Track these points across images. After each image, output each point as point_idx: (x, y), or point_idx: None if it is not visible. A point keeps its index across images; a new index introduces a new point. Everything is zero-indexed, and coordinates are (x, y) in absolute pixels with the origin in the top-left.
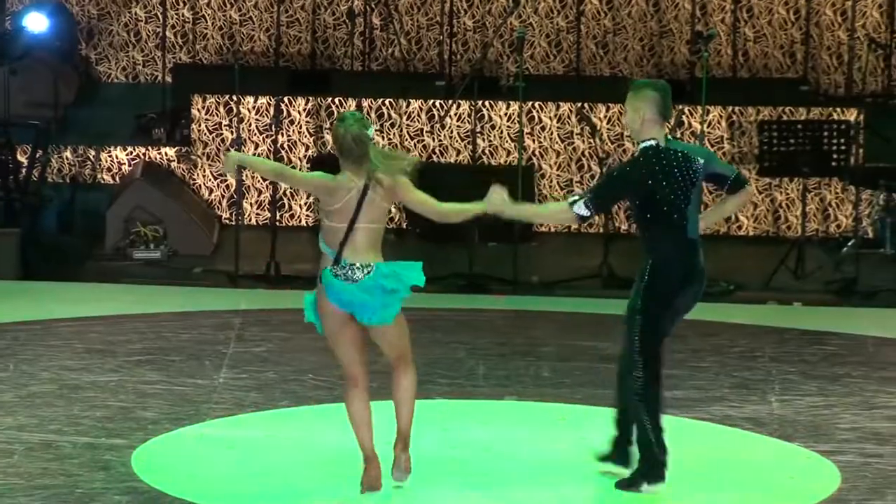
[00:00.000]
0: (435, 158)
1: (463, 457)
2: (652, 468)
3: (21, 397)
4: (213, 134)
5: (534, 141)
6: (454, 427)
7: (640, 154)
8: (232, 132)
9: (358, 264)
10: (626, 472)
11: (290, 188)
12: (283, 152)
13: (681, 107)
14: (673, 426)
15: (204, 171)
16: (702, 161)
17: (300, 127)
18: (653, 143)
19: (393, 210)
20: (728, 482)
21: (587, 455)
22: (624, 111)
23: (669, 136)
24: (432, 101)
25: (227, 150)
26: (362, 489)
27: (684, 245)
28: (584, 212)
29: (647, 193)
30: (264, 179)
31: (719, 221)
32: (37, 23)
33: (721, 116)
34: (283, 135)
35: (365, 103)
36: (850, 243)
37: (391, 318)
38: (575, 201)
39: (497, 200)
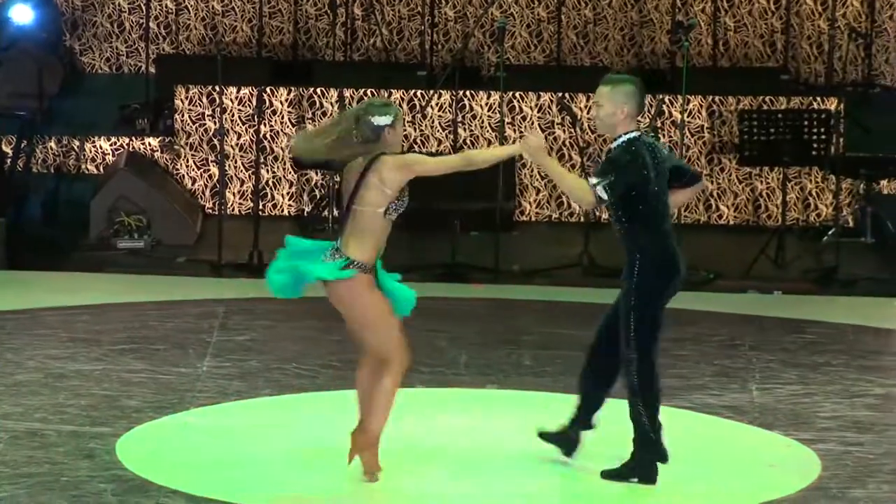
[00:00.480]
0: (416, 148)
1: (444, 444)
2: (647, 469)
3: (6, 386)
4: (197, 124)
5: (515, 131)
6: (436, 415)
7: (631, 145)
8: (215, 122)
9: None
10: (563, 458)
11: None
12: (265, 142)
13: (661, 96)
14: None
15: (187, 160)
16: (665, 153)
17: (282, 117)
18: (637, 134)
19: None
20: (708, 470)
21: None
22: (598, 104)
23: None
24: (414, 91)
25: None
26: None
27: (671, 234)
28: (605, 195)
29: (646, 184)
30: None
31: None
32: (22, 14)
33: (701, 106)
34: (265, 125)
35: (347, 93)
36: (830, 232)
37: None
38: (597, 183)
39: (534, 143)
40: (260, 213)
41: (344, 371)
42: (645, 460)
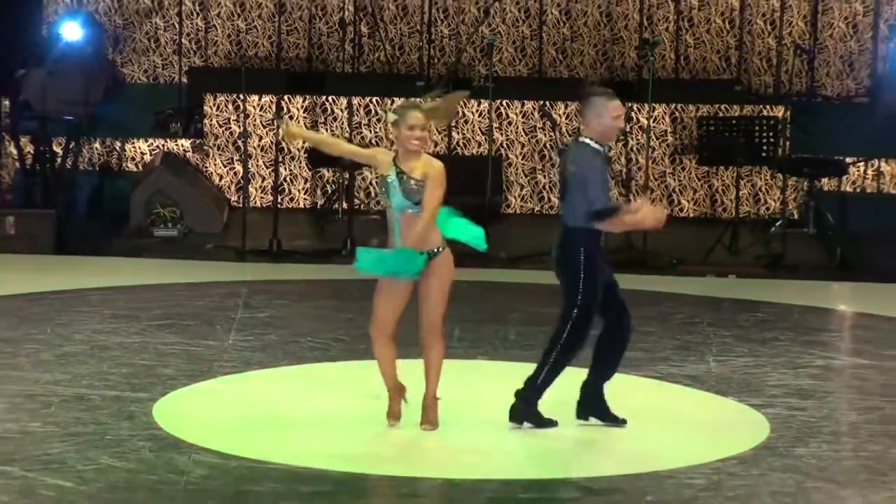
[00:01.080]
0: None
1: (442, 409)
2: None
3: (56, 356)
4: (223, 128)
5: (502, 134)
6: None
7: (594, 147)
8: (239, 126)
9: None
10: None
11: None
12: (283, 144)
13: (630, 104)
14: (623, 383)
15: (215, 159)
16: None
17: (298, 121)
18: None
19: (376, 192)
20: (671, 431)
21: (547, 405)
22: (622, 117)
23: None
24: (413, 98)
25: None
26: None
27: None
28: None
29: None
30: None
31: None
32: (71, 31)
33: (665, 113)
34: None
35: (355, 101)
36: (777, 224)
37: None
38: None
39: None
40: (279, 205)
41: (352, 344)
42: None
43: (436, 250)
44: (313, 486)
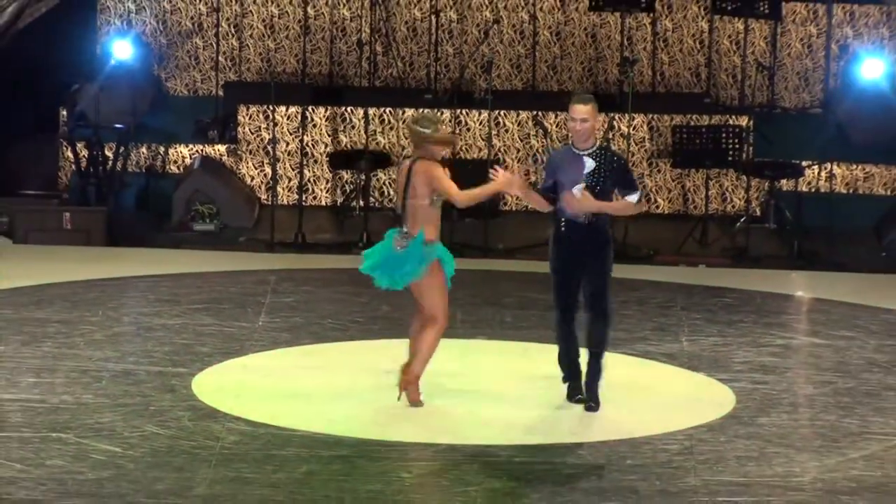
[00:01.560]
0: None
1: (444, 383)
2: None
3: (106, 336)
4: (255, 135)
5: (499, 140)
6: (438, 360)
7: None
8: (268, 133)
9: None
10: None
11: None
12: (307, 149)
13: (612, 114)
14: (606, 360)
15: (247, 163)
16: None
17: (321, 130)
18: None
19: (390, 191)
20: (649, 402)
21: (539, 380)
22: (584, 120)
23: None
24: (422, 109)
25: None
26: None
27: None
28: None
29: None
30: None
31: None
32: (121, 50)
33: (643, 122)
34: (307, 135)
35: (371, 111)
36: (742, 220)
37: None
38: (641, 192)
39: (513, 181)
40: (303, 203)
41: (368, 325)
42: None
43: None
44: (332, 450)
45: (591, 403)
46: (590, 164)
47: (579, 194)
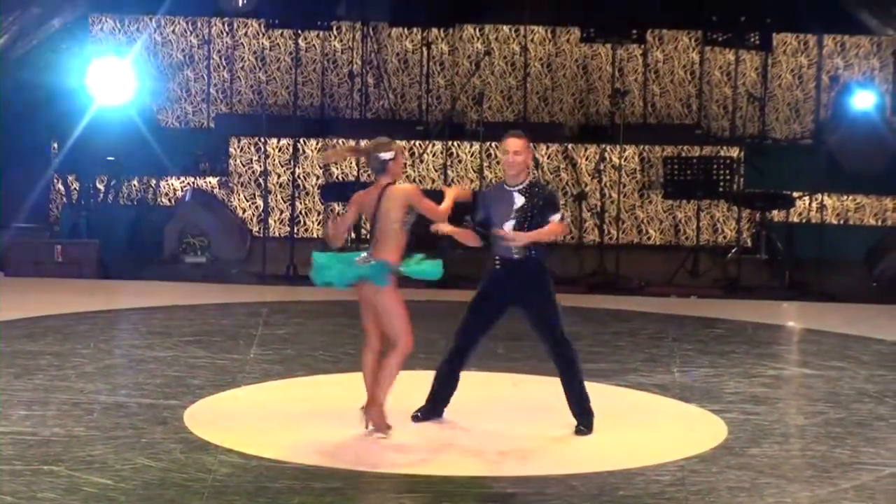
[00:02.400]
0: (417, 184)
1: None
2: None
3: (98, 368)
4: (246, 167)
5: (491, 172)
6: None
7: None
8: (260, 165)
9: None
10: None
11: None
12: (299, 181)
13: (604, 146)
14: (597, 391)
15: (239, 195)
16: None
17: (312, 162)
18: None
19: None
20: (641, 433)
21: (531, 411)
22: (517, 153)
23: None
24: (413, 141)
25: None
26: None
27: None
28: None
29: None
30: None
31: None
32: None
33: (634, 153)
34: (299, 167)
35: (362, 143)
36: (733, 250)
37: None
38: (562, 215)
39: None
40: (295, 235)
41: (359, 357)
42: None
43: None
44: (324, 482)
45: (582, 427)
46: (519, 200)
47: (510, 233)
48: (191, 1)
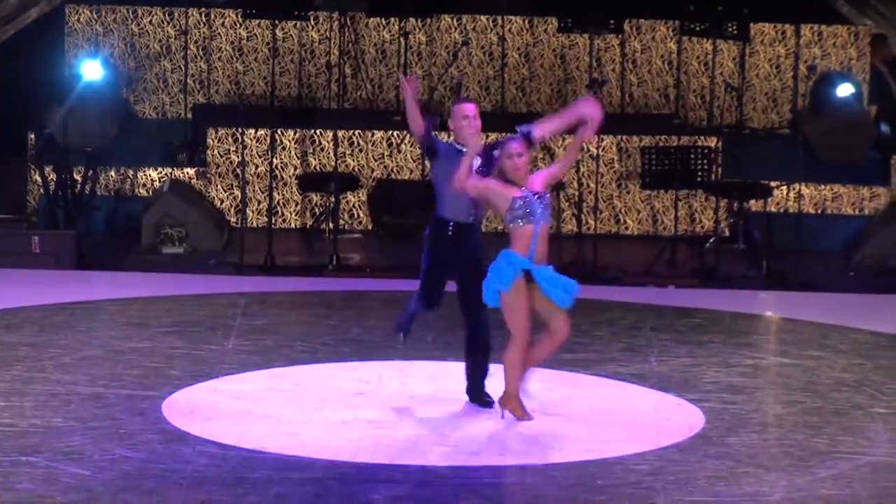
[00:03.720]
0: (393, 176)
1: (415, 406)
2: None
3: (77, 359)
4: (224, 157)
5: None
6: (410, 383)
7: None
8: (237, 156)
9: None
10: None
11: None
12: (276, 171)
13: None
14: (576, 381)
15: (216, 185)
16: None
17: (290, 152)
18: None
19: (360, 214)
20: (620, 423)
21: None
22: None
23: None
24: (391, 132)
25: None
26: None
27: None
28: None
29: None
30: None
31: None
32: (90, 71)
33: (612, 143)
34: (277, 158)
35: (340, 134)
36: (711, 240)
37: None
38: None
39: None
40: (273, 226)
41: (338, 348)
42: None
43: None
44: (303, 472)
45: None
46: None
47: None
48: None
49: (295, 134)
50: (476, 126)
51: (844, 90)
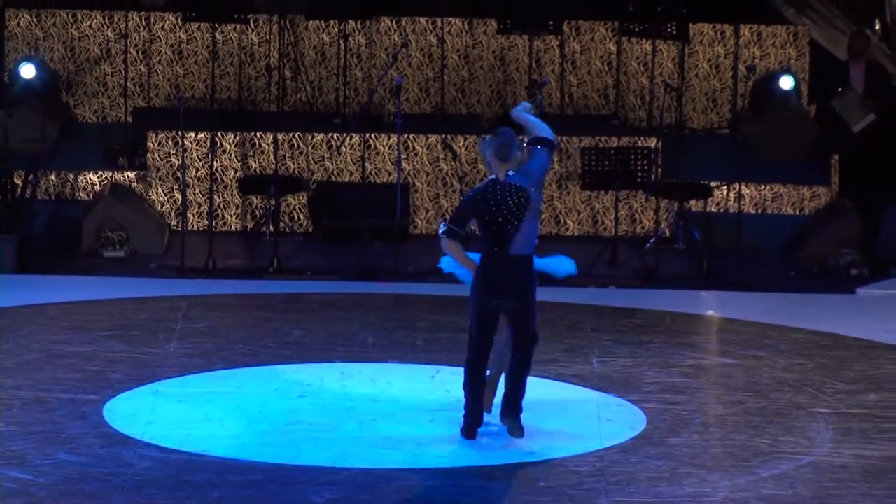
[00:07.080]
0: (333, 178)
1: (356, 407)
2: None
3: (17, 364)
4: (164, 161)
5: (409, 164)
6: (350, 384)
7: (482, 184)
8: (178, 159)
9: None
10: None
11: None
12: (217, 174)
13: (521, 137)
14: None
15: (157, 189)
16: (532, 189)
17: (230, 155)
18: (492, 177)
19: (300, 216)
20: (560, 424)
21: (451, 403)
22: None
23: (511, 172)
24: (331, 134)
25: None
26: None
27: (501, 261)
28: (442, 228)
29: (480, 216)
30: None
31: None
32: (28, 72)
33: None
34: (217, 161)
35: (280, 136)
36: (651, 241)
37: None
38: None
39: None
40: (213, 229)
41: (279, 350)
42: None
43: None
44: (244, 475)
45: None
46: None
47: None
48: None
49: (235, 137)
50: None
51: (786, 83)
